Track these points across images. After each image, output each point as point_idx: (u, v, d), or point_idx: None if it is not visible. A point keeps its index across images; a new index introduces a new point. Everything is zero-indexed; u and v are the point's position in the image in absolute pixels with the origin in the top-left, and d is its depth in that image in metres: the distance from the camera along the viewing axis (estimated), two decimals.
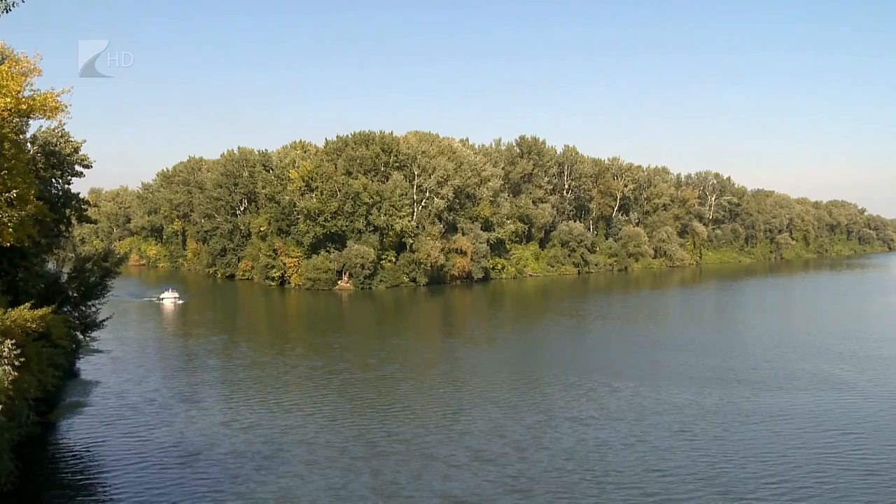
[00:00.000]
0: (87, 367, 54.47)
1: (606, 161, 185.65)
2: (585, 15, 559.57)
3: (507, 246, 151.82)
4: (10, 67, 33.59)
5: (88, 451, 36.32)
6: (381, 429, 39.74)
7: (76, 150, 44.61)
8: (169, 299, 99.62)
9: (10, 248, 34.29)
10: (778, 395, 47.16)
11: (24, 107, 34.58)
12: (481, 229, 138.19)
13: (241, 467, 33.31)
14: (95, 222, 74.30)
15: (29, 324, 30.00)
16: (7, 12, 26.62)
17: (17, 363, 25.72)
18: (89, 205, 50.88)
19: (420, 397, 47.66)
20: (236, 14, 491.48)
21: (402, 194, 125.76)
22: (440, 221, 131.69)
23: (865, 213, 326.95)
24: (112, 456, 35.09)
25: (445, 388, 50.19)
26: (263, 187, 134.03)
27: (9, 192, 28.02)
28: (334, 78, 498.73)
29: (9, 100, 32.20)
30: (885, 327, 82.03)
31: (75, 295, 46.72)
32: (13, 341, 25.95)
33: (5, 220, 28.46)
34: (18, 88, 33.42)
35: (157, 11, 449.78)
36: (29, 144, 41.78)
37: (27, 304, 31.81)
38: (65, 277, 47.57)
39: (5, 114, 32.20)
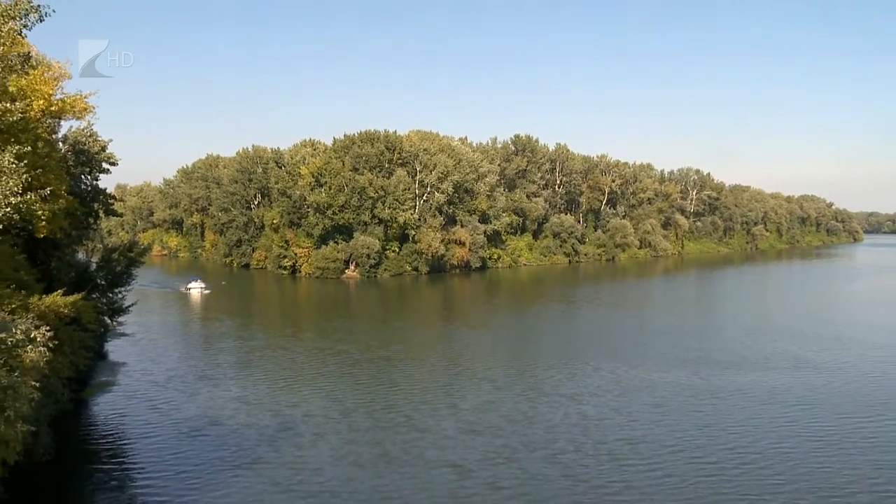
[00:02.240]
0: (114, 349, 55.15)
1: (595, 158, 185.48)
2: (582, 18, 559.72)
3: (503, 237, 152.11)
4: (43, 73, 34.07)
5: (117, 424, 37.03)
6: (382, 404, 40.44)
7: (103, 148, 45.12)
8: (196, 289, 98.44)
9: (44, 239, 34.96)
10: (747, 374, 47.84)
11: (55, 108, 35.13)
12: (479, 222, 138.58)
13: (255, 438, 34.04)
14: (121, 215, 74.91)
15: (62, 309, 30.69)
16: (40, 21, 27.11)
17: (51, 346, 26.33)
18: (115, 199, 51.44)
19: (419, 376, 48.36)
20: (242, 17, 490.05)
21: (405, 189, 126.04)
22: (440, 214, 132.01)
23: (833, 207, 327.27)
24: (138, 428, 35.79)
25: (442, 368, 50.87)
26: (276, 182, 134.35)
27: (43, 188, 28.52)
28: (342, 80, 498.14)
29: (42, 102, 32.71)
30: (848, 312, 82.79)
31: (103, 283, 47.36)
32: (48, 325, 26.53)
33: (39, 213, 28.97)
34: (51, 92, 33.94)
35: (158, 11, 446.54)
36: (60, 144, 42.31)
37: (60, 291, 32.49)
38: (94, 266, 48.24)
39: (39, 115, 32.72)
